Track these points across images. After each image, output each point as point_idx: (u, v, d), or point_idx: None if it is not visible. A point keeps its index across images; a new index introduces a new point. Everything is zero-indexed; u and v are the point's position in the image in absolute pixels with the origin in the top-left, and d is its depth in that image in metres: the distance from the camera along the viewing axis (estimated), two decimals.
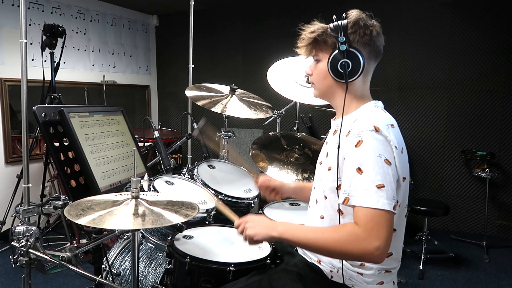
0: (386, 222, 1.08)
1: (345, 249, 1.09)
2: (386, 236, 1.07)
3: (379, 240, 1.06)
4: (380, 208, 1.07)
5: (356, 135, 1.15)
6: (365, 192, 1.09)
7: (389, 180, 1.10)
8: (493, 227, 3.97)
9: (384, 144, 1.13)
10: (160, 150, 2.17)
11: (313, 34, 1.27)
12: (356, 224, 1.10)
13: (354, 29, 1.22)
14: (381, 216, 1.07)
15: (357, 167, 1.12)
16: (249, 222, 1.28)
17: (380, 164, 1.11)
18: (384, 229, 1.07)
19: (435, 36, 4.03)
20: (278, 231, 1.21)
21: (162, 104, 5.63)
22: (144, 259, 1.83)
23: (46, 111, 1.77)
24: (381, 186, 1.09)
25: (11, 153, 3.74)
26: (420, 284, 3.03)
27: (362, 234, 1.07)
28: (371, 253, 1.06)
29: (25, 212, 1.78)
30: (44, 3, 4.01)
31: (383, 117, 1.22)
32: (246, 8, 4.89)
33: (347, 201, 1.13)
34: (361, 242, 1.07)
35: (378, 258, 1.08)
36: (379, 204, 1.07)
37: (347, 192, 1.13)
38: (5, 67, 3.65)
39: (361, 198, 1.10)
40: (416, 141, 4.20)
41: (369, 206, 1.08)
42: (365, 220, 1.08)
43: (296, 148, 2.35)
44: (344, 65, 1.22)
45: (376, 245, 1.05)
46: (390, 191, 1.09)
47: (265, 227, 1.24)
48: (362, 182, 1.10)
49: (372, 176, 1.10)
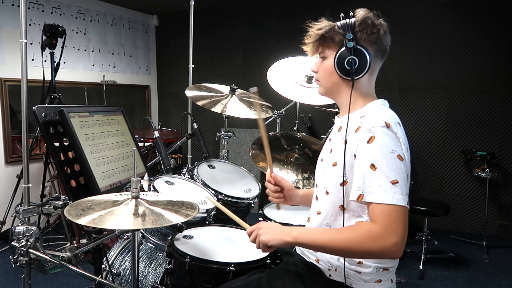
0: (402, 217, 1.08)
1: (364, 248, 1.10)
2: (403, 232, 1.08)
3: (397, 236, 1.06)
4: (396, 204, 1.08)
5: (368, 131, 1.15)
6: (379, 188, 1.09)
7: (402, 175, 1.11)
8: (493, 227, 3.97)
9: (395, 140, 1.14)
10: (160, 150, 2.17)
11: (320, 30, 1.27)
12: (372, 221, 1.10)
13: (361, 27, 1.23)
14: (397, 212, 1.08)
15: (370, 163, 1.12)
16: (262, 229, 1.25)
17: (394, 160, 1.11)
18: (401, 225, 1.07)
19: (435, 36, 4.03)
20: (293, 236, 1.20)
21: (162, 104, 5.63)
22: (144, 259, 1.83)
23: (46, 111, 1.77)
24: (395, 182, 1.09)
25: (11, 153, 3.74)
26: (420, 284, 3.03)
27: (379, 231, 1.08)
28: (390, 249, 1.07)
29: (25, 212, 1.78)
30: (44, 3, 4.01)
31: (392, 115, 1.22)
32: (246, 8, 4.89)
33: (361, 198, 1.13)
34: (379, 240, 1.07)
35: (396, 254, 1.08)
36: (394, 200, 1.08)
37: (361, 189, 1.13)
38: (5, 67, 3.65)
39: (376, 195, 1.10)
40: (416, 141, 4.20)
41: (385, 202, 1.08)
42: (382, 216, 1.08)
43: (296, 148, 2.35)
44: (350, 62, 1.22)
45: (394, 241, 1.06)
46: (403, 187, 1.10)
47: (279, 232, 1.22)
48: (376, 179, 1.10)
49: (386, 172, 1.10)
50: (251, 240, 1.28)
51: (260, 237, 1.24)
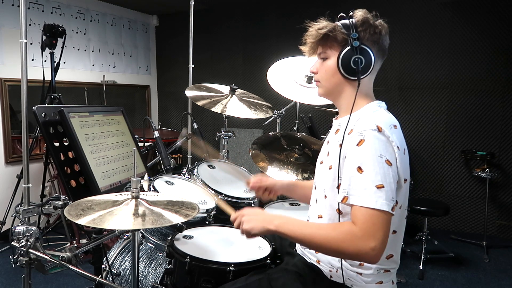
0: (383, 223, 1.07)
1: (341, 247, 1.09)
2: (383, 237, 1.07)
3: (375, 240, 1.06)
4: (378, 209, 1.07)
5: (358, 134, 1.15)
6: (364, 191, 1.09)
7: (389, 181, 1.10)
8: (493, 227, 3.97)
9: (386, 145, 1.13)
10: (160, 150, 2.17)
11: (322, 30, 1.25)
12: (354, 223, 1.09)
13: (364, 27, 1.22)
14: (378, 217, 1.07)
15: (357, 166, 1.12)
16: (245, 216, 1.26)
17: (381, 164, 1.10)
18: (381, 230, 1.07)
19: (435, 36, 4.03)
20: (275, 224, 1.20)
21: (162, 104, 5.63)
22: (144, 259, 1.83)
23: (46, 111, 1.77)
24: (380, 187, 1.09)
25: (11, 153, 3.74)
26: (420, 284, 3.03)
27: (358, 233, 1.07)
28: (367, 253, 1.06)
29: (25, 212, 1.78)
30: (44, 3, 4.01)
31: (386, 117, 1.21)
32: (246, 8, 4.89)
33: (345, 200, 1.13)
34: (357, 242, 1.07)
35: (374, 258, 1.07)
36: (377, 204, 1.07)
37: (346, 191, 1.13)
38: (5, 67, 3.65)
39: (359, 198, 1.09)
40: (416, 141, 4.20)
41: (368, 206, 1.08)
42: (362, 219, 1.08)
43: (296, 148, 2.35)
44: (357, 61, 1.21)
45: (372, 246, 1.05)
46: (389, 192, 1.09)
47: (261, 220, 1.23)
48: (361, 182, 1.10)
49: (372, 176, 1.09)
50: (235, 226, 1.29)
51: (243, 225, 1.24)
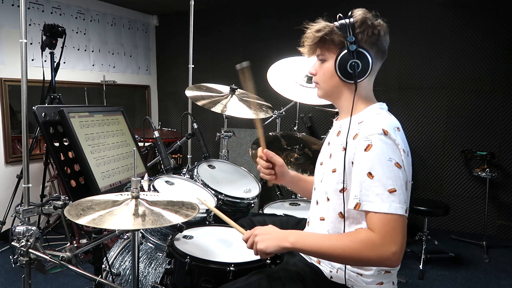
0: (400, 226, 1.07)
1: (363, 256, 1.09)
2: (401, 240, 1.07)
3: (395, 245, 1.06)
4: (394, 213, 1.07)
5: (365, 139, 1.13)
6: (377, 197, 1.09)
7: (400, 183, 1.10)
8: (493, 227, 3.97)
9: (393, 148, 1.12)
10: (160, 150, 2.17)
11: (319, 33, 1.24)
12: (371, 230, 1.09)
13: (362, 29, 1.20)
14: (395, 221, 1.07)
15: (367, 172, 1.11)
16: (258, 236, 1.20)
17: (391, 168, 1.10)
18: (399, 234, 1.07)
19: (435, 36, 4.02)
20: (290, 242, 1.17)
21: (162, 104, 5.63)
22: (144, 259, 1.83)
23: (46, 111, 1.77)
24: (393, 191, 1.08)
25: (11, 153, 3.74)
26: (420, 284, 3.03)
27: (378, 240, 1.07)
28: (388, 258, 1.06)
29: (25, 212, 1.78)
30: (44, 3, 4.01)
31: (390, 120, 1.20)
32: (246, 8, 4.89)
33: (358, 207, 1.12)
34: (377, 249, 1.07)
35: (395, 262, 1.08)
36: (391, 209, 1.07)
37: (358, 197, 1.12)
38: (5, 67, 3.65)
39: (373, 204, 1.09)
40: (416, 141, 4.20)
41: (383, 211, 1.07)
42: (380, 226, 1.07)
43: (296, 148, 2.35)
44: (353, 65, 1.19)
45: (393, 250, 1.06)
46: (401, 195, 1.09)
47: (276, 238, 1.19)
48: (373, 187, 1.09)
49: (384, 181, 1.09)
50: (248, 247, 1.24)
51: (257, 245, 1.19)
